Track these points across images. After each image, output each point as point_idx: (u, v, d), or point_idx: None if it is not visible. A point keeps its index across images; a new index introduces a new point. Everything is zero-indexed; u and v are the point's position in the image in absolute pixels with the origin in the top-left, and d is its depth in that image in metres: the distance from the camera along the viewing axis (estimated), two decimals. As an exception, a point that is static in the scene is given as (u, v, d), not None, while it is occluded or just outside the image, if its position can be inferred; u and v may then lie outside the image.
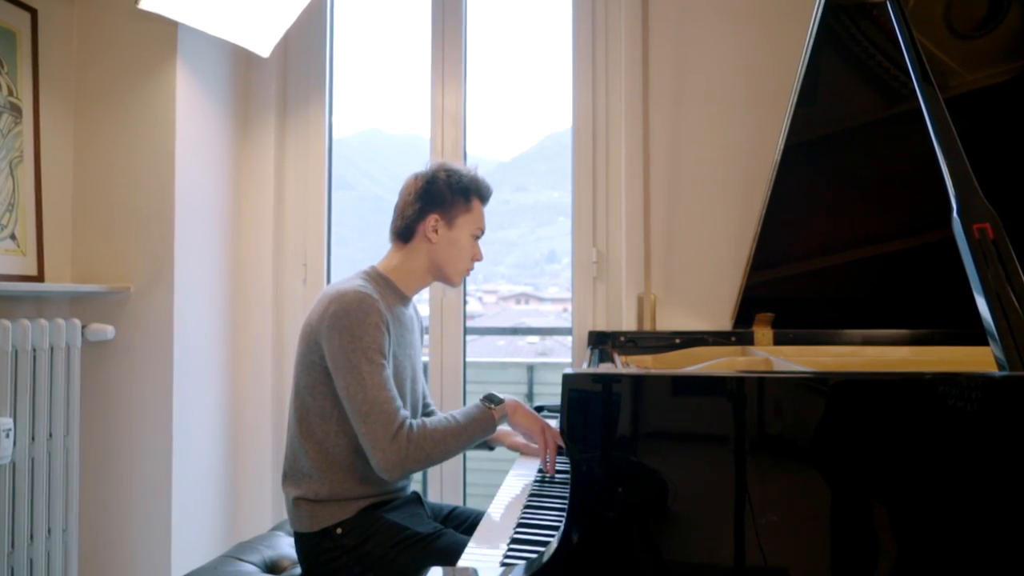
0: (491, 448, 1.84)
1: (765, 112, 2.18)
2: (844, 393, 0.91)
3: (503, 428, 1.81)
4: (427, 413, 1.86)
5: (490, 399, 1.57)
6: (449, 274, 1.70)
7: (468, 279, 2.56)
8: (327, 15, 2.69)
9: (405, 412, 1.48)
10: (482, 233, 1.72)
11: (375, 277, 1.65)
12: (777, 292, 1.95)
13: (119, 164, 2.34)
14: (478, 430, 1.52)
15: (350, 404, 1.46)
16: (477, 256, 1.71)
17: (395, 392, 1.48)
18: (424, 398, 1.84)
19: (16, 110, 2.20)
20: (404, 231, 1.67)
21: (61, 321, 2.16)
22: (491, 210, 1.75)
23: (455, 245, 1.67)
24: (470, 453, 2.55)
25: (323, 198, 2.65)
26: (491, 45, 2.72)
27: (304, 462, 1.55)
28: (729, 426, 0.92)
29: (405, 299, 1.69)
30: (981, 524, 0.85)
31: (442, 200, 1.65)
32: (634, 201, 2.30)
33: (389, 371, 1.50)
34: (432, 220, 1.65)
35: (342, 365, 1.46)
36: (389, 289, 1.65)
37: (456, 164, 1.71)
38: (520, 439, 1.78)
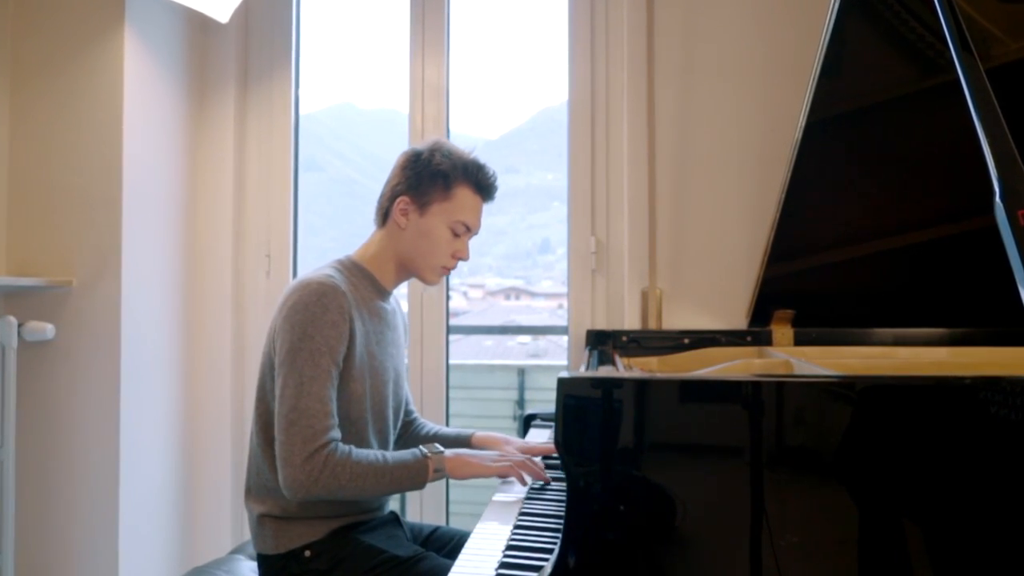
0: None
1: (784, 85, 2.17)
2: (873, 399, 0.91)
3: (491, 434, 1.79)
4: (409, 420, 1.85)
5: (431, 448, 1.52)
6: (419, 268, 1.65)
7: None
8: (294, -25, 2.67)
9: (335, 434, 1.45)
10: (468, 229, 1.64)
11: (349, 267, 1.63)
12: (798, 286, 1.95)
13: (60, 143, 2.32)
14: (405, 478, 1.48)
15: (278, 406, 1.45)
16: (460, 254, 1.65)
17: (332, 408, 1.46)
18: (407, 404, 1.83)
19: (-59, 81, 2.18)
20: (380, 212, 1.66)
21: (-7, 319, 2.14)
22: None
23: (426, 236, 1.62)
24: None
25: (289, 181, 2.63)
26: (477, 10, 2.70)
27: (269, 475, 1.54)
28: (744, 436, 0.92)
29: (384, 293, 1.67)
30: (1026, 546, 0.85)
31: (416, 181, 1.61)
32: (637, 184, 2.30)
33: (334, 381, 1.48)
34: (401, 202, 1.61)
35: (284, 362, 1.46)
36: (366, 281, 1.63)
37: (453, 145, 1.65)
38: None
